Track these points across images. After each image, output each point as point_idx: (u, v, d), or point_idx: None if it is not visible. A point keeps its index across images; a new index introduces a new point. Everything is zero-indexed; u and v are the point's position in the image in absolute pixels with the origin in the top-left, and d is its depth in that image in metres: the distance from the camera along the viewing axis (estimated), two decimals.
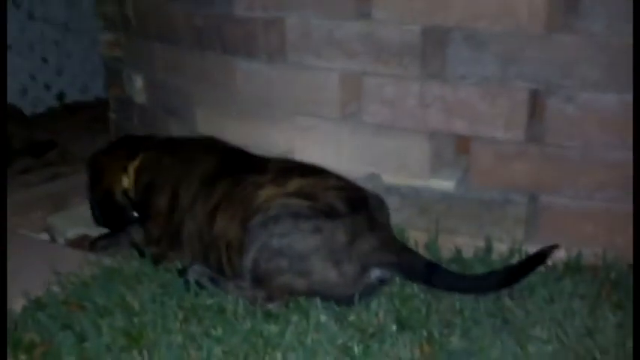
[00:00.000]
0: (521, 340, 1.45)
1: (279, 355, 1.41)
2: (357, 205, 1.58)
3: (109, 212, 2.06)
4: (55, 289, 1.72)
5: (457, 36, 1.74)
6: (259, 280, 1.55)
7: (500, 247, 1.78)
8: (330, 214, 1.54)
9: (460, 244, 1.81)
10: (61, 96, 3.89)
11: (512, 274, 1.57)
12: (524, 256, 1.75)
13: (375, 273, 1.56)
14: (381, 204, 1.70)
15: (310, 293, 1.54)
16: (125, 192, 2.01)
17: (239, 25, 2.03)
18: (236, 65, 2.07)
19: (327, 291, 1.53)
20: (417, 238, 1.84)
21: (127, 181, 2.00)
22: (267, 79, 2.01)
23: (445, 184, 1.84)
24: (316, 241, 1.51)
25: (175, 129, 2.39)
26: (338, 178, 1.70)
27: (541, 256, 1.57)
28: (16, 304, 1.65)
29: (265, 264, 1.53)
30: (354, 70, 1.87)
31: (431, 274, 1.54)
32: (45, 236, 2.20)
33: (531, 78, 1.70)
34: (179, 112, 2.38)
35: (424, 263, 1.56)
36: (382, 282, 1.59)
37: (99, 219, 2.10)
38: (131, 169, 1.99)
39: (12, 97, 3.66)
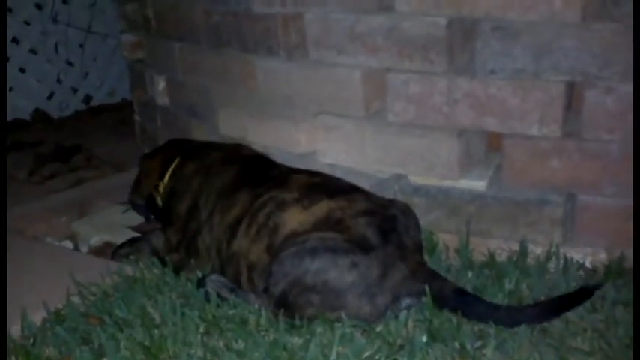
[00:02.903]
0: (561, 352, 1.37)
1: None
2: (387, 233, 1.52)
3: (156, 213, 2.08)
4: (76, 300, 1.69)
5: (486, 27, 1.65)
6: (284, 307, 1.50)
7: (536, 250, 1.69)
8: (365, 246, 1.48)
9: (493, 247, 1.73)
10: (87, 99, 3.89)
11: (551, 309, 1.46)
12: (561, 260, 1.66)
13: (406, 301, 1.50)
14: (408, 219, 1.61)
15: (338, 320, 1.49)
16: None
17: (257, 21, 1.97)
18: (255, 63, 2.01)
19: (356, 319, 1.48)
20: (446, 241, 1.76)
21: (162, 187, 2.01)
22: (287, 77, 1.94)
23: (476, 183, 1.75)
24: (353, 277, 1.45)
25: (198, 131, 2.34)
26: (365, 197, 1.62)
27: (586, 293, 1.47)
28: (35, 315, 1.63)
29: (294, 297, 1.48)
30: (377, 67, 1.79)
31: (462, 303, 1.45)
32: (69, 244, 2.18)
33: (567, 70, 1.60)
34: (201, 114, 2.33)
35: (454, 290, 1.47)
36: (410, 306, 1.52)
37: (148, 217, 2.17)
38: (166, 177, 2.00)
39: (40, 101, 3.68)
